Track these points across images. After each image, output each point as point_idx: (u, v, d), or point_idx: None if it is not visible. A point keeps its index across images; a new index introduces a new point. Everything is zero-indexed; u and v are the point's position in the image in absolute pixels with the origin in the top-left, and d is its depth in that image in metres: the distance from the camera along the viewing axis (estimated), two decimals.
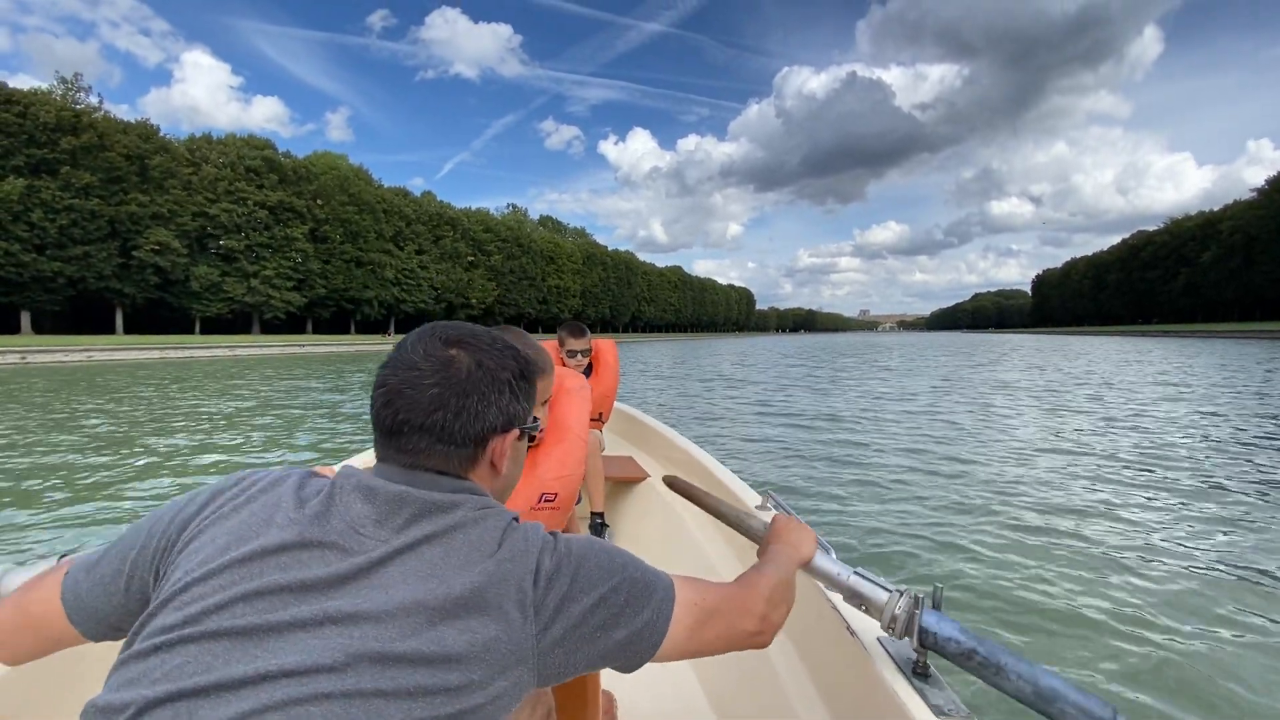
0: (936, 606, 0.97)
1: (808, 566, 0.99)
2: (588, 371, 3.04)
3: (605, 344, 3.14)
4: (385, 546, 0.60)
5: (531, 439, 0.81)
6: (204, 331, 54.30)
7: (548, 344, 3.22)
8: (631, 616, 0.67)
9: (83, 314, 49.24)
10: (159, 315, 52.57)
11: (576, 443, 1.39)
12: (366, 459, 2.03)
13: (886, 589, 0.97)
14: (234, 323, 58.85)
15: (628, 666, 0.69)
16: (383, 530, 0.62)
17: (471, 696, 0.56)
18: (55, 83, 49.30)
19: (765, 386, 15.45)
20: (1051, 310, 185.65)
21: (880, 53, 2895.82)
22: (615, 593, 0.67)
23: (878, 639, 1.06)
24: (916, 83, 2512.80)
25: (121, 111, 53.05)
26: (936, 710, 0.87)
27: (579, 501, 1.69)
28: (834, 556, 1.02)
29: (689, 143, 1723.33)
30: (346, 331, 70.13)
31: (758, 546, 1.03)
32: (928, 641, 0.91)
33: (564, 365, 2.94)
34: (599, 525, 2.69)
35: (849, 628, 1.12)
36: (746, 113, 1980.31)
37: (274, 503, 0.64)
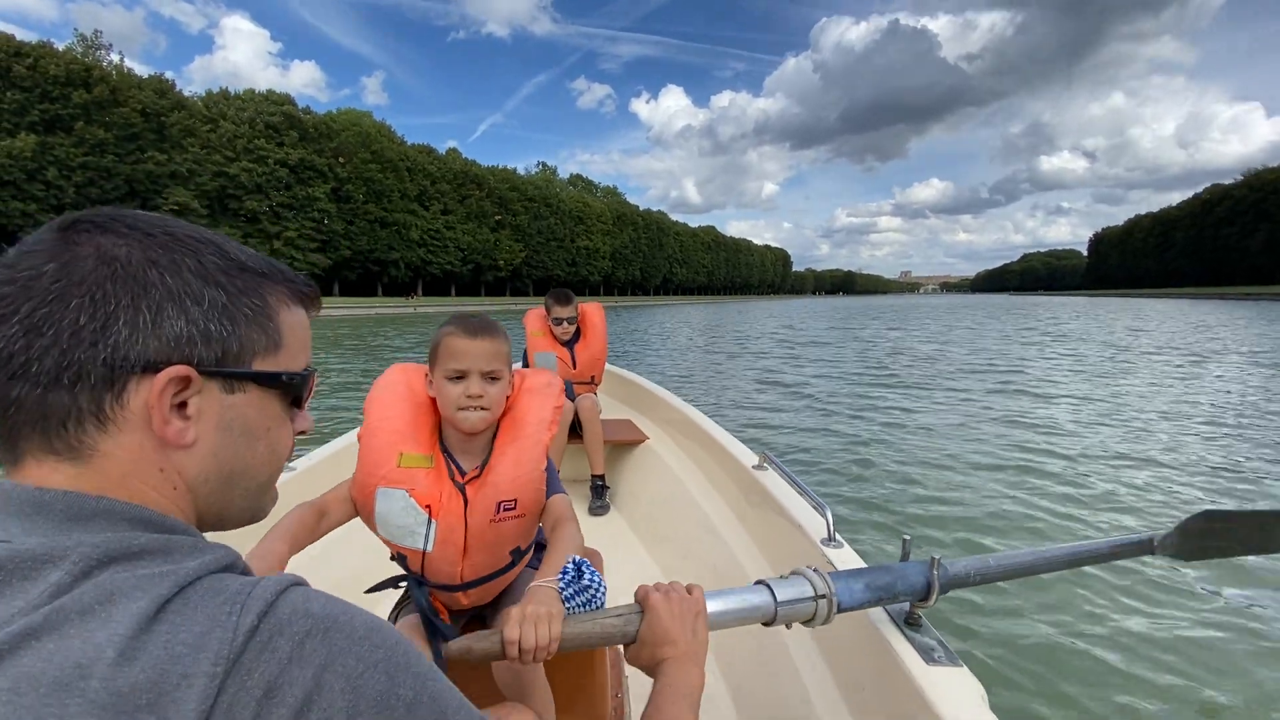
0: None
1: (714, 620, 0.81)
2: (576, 336, 3.12)
3: (591, 308, 3.19)
4: None
5: (296, 401, 0.48)
6: None
7: (534, 311, 3.18)
8: None
9: None
10: None
11: (534, 441, 1.14)
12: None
13: (809, 589, 0.87)
14: None
15: None
16: None
17: None
18: (75, 40, 48.07)
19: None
20: (1110, 271, 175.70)
21: (925, 0, 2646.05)
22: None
23: None
24: (965, 32, 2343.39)
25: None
26: (926, 656, 0.94)
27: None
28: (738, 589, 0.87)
29: (723, 99, 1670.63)
30: (374, 294, 69.11)
31: (635, 646, 0.77)
32: (844, 606, 0.90)
33: (551, 332, 3.08)
34: (600, 487, 2.81)
35: None
36: (783, 67, 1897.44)
37: None
